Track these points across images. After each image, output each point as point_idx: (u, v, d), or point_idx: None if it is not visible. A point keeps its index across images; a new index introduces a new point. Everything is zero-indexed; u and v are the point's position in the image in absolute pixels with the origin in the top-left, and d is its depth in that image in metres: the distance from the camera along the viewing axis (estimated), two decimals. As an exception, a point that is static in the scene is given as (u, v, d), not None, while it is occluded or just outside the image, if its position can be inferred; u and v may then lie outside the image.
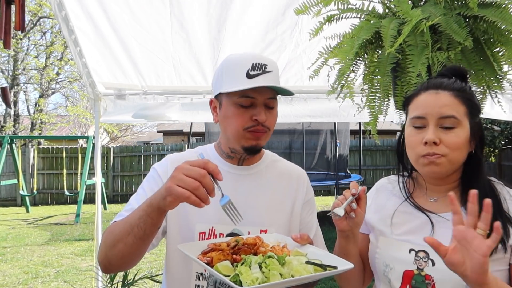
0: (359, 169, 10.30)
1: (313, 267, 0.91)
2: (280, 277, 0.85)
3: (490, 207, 0.81)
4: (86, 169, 9.09)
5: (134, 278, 2.93)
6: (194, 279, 1.16)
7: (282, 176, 1.27)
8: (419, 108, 1.04)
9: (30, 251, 6.43)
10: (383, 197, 1.19)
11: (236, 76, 1.11)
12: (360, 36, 1.41)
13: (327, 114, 3.66)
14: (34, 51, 16.19)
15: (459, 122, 1.00)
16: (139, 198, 1.12)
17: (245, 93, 1.10)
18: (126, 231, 0.96)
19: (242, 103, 1.12)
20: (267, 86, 1.10)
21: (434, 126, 1.01)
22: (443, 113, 1.00)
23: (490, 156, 10.92)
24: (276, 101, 1.18)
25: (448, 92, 1.02)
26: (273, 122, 1.17)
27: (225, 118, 1.16)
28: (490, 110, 3.41)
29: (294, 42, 2.92)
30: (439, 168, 1.01)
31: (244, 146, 1.15)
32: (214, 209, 1.14)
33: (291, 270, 0.89)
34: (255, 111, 1.12)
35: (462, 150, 1.01)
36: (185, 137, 19.60)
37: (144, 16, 2.67)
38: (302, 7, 1.61)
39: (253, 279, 0.83)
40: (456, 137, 1.00)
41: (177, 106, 3.40)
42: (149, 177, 1.22)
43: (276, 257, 0.91)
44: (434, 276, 1.00)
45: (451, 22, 1.32)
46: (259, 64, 1.11)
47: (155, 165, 1.26)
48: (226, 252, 0.95)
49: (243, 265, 0.88)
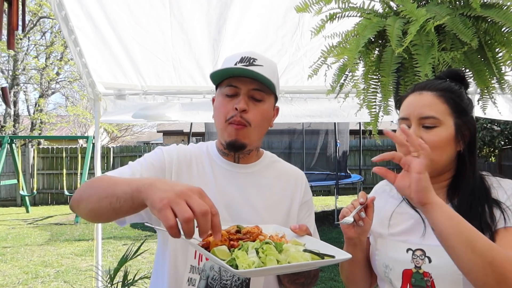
0: (359, 169, 10.30)
1: (311, 255, 0.91)
2: (276, 263, 0.84)
3: (408, 132, 0.90)
4: (86, 169, 9.08)
5: (134, 278, 2.93)
6: (188, 272, 1.16)
7: (280, 177, 1.27)
8: (404, 110, 1.09)
9: (30, 251, 6.43)
10: (382, 199, 1.21)
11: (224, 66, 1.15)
12: (365, 35, 1.41)
13: (327, 114, 3.66)
14: (34, 51, 16.19)
15: (440, 122, 1.02)
16: (137, 164, 1.15)
17: (230, 82, 1.14)
18: (106, 192, 0.90)
19: (227, 93, 1.15)
20: (246, 72, 1.11)
21: (416, 126, 1.05)
22: (423, 113, 1.04)
23: (490, 156, 10.91)
24: (267, 96, 1.17)
25: (431, 92, 1.06)
26: (257, 116, 1.15)
27: (215, 110, 1.20)
28: (490, 110, 3.40)
29: (295, 46, 2.92)
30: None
31: (226, 141, 1.17)
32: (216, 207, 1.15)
33: (288, 257, 0.88)
34: (237, 99, 1.14)
35: (445, 149, 1.03)
36: (185, 137, 19.59)
37: (144, 17, 2.67)
38: (302, 5, 1.61)
39: (249, 263, 0.82)
40: (435, 136, 1.02)
41: (177, 106, 3.40)
42: (153, 153, 1.23)
43: (274, 243, 0.91)
44: (432, 272, 1.01)
45: (457, 22, 1.32)
46: (248, 57, 1.15)
47: (161, 147, 1.27)
48: (224, 238, 0.93)
49: (240, 250, 0.88)
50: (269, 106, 1.20)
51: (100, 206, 0.92)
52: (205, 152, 1.26)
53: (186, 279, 1.15)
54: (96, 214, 0.96)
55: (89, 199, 0.96)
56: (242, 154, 1.22)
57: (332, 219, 8.31)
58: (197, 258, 1.15)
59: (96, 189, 0.96)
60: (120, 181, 0.91)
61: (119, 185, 0.89)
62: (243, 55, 1.15)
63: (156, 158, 1.19)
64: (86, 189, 1.00)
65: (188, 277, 1.15)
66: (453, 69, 1.15)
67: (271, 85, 1.15)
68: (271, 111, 1.22)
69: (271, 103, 1.20)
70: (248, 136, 1.16)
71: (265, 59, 1.17)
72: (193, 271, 1.16)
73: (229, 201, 1.16)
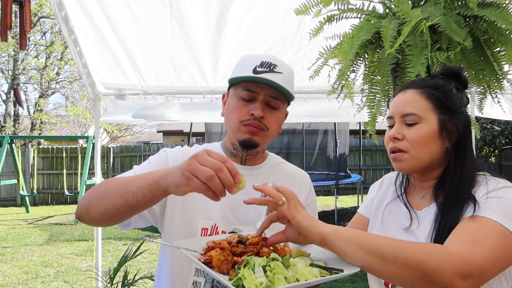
0: (359, 169, 10.30)
1: (319, 270, 0.88)
2: (285, 282, 0.82)
3: (261, 188, 0.91)
4: (86, 169, 9.09)
5: (134, 278, 2.93)
6: (193, 275, 1.16)
7: (285, 178, 1.27)
8: (390, 109, 1.11)
9: (30, 251, 6.43)
10: (384, 190, 1.23)
11: (243, 69, 1.13)
12: (360, 37, 1.42)
13: (327, 114, 3.67)
14: (34, 51, 16.19)
15: (421, 118, 1.03)
16: (141, 169, 1.14)
17: (248, 86, 1.12)
18: (120, 192, 0.93)
19: (243, 96, 1.14)
20: (266, 81, 1.10)
21: (398, 124, 1.06)
22: (403, 110, 1.05)
23: (490, 156, 10.91)
24: (282, 104, 1.17)
25: (414, 90, 1.06)
26: (273, 123, 1.16)
27: (227, 110, 1.19)
28: (490, 110, 3.41)
29: (295, 47, 2.93)
30: (403, 164, 1.05)
31: (239, 139, 1.16)
32: (219, 207, 1.15)
33: (296, 273, 0.85)
34: (254, 105, 1.13)
35: (427, 145, 1.02)
36: (185, 137, 19.60)
37: (144, 16, 2.68)
38: (302, 7, 1.61)
39: (257, 284, 0.79)
40: (415, 132, 1.03)
41: (177, 106, 3.40)
42: (158, 156, 1.23)
43: (281, 259, 0.88)
44: None
45: (450, 22, 1.32)
46: (268, 62, 1.12)
47: (165, 149, 1.27)
48: (227, 252, 0.91)
49: (246, 268, 0.84)
50: (283, 113, 1.21)
51: (114, 206, 0.94)
52: None
53: (191, 282, 1.15)
54: (110, 215, 0.97)
55: (100, 203, 0.97)
56: (249, 155, 1.22)
57: (332, 219, 8.31)
58: None
59: (106, 192, 0.97)
60: (132, 179, 0.95)
61: (132, 182, 0.93)
62: (263, 59, 1.13)
63: (160, 161, 1.19)
64: (93, 195, 1.00)
65: (193, 280, 1.15)
66: (449, 66, 1.14)
67: (288, 93, 1.15)
68: (284, 118, 1.23)
69: (284, 110, 1.21)
70: (263, 138, 1.17)
71: (285, 65, 1.15)
72: (198, 274, 1.16)
73: (235, 203, 1.15)
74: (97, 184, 1.04)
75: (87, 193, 1.02)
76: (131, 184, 0.93)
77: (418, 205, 1.10)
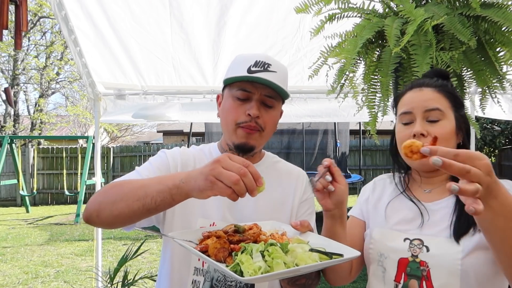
0: (359, 169, 10.28)
1: (318, 255, 0.87)
2: (284, 266, 0.80)
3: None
4: (86, 169, 9.08)
5: (134, 278, 2.93)
6: (192, 274, 1.15)
7: (282, 176, 1.27)
8: (406, 105, 1.10)
9: (30, 251, 6.43)
10: (380, 190, 1.24)
11: (238, 69, 1.14)
12: (363, 35, 1.41)
13: (327, 114, 3.67)
14: (34, 51, 16.20)
15: (444, 114, 1.05)
16: (145, 170, 1.14)
17: (243, 86, 1.13)
18: (137, 195, 0.92)
19: (238, 96, 1.14)
20: (261, 81, 1.11)
21: (420, 120, 1.06)
22: (428, 106, 1.06)
23: (490, 156, 10.91)
24: (277, 102, 1.18)
25: (431, 88, 1.09)
26: (269, 122, 1.17)
27: (223, 110, 1.19)
28: (490, 110, 3.40)
29: (295, 47, 2.93)
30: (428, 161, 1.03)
31: (235, 143, 1.17)
32: (217, 206, 1.16)
33: (295, 258, 0.84)
34: (249, 105, 1.13)
35: (449, 141, 1.05)
36: (185, 137, 19.59)
37: (144, 17, 2.67)
38: (302, 6, 1.61)
39: (255, 268, 0.78)
40: (442, 128, 1.04)
41: (177, 106, 3.40)
42: (158, 157, 1.23)
43: (279, 244, 0.86)
44: (429, 262, 1.01)
45: (455, 22, 1.32)
46: (262, 62, 1.13)
47: (164, 150, 1.26)
48: (223, 240, 0.90)
49: (244, 254, 0.83)
50: (278, 111, 1.22)
51: (130, 210, 0.93)
52: (207, 154, 1.26)
53: (190, 281, 1.15)
54: (125, 218, 0.96)
55: (114, 206, 0.95)
56: (246, 155, 1.22)
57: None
58: (201, 260, 1.15)
59: (121, 195, 0.96)
60: (148, 183, 0.94)
61: (149, 186, 0.93)
62: (257, 58, 1.14)
63: (161, 162, 1.19)
64: (105, 198, 0.99)
65: (192, 279, 1.15)
66: (437, 68, 1.18)
67: (283, 92, 1.16)
68: (279, 116, 1.24)
69: (279, 109, 1.22)
70: (259, 140, 1.17)
71: (278, 64, 1.16)
72: (197, 273, 1.16)
73: (232, 202, 1.15)
74: (106, 187, 1.02)
75: (97, 196, 1.01)
76: (149, 188, 0.92)
77: (426, 199, 1.11)
